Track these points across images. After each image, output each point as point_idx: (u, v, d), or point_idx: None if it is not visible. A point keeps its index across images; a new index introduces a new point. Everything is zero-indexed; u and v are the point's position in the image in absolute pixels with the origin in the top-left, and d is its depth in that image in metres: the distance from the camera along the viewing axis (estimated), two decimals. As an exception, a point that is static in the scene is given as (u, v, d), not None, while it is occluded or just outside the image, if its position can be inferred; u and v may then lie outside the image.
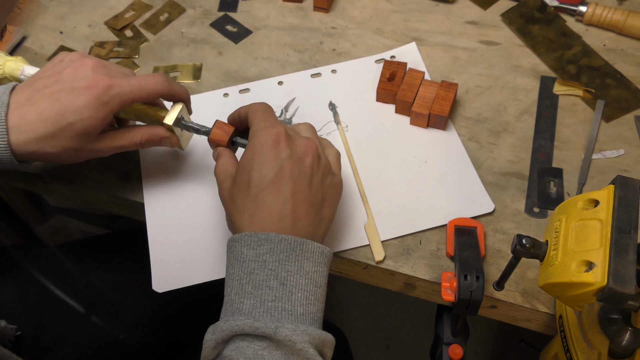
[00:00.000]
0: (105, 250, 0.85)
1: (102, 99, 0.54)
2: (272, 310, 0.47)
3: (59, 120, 0.54)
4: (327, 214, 0.55)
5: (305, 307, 0.48)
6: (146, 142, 0.59)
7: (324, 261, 0.51)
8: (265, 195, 0.51)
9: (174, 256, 0.62)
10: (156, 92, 0.57)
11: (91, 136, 0.56)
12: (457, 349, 0.60)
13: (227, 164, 0.56)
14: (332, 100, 0.73)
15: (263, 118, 0.55)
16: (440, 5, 0.82)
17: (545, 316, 0.58)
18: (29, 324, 0.72)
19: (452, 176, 0.66)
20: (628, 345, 0.49)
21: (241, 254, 0.49)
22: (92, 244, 0.88)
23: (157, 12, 0.83)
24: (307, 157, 0.53)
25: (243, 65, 0.77)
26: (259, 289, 0.48)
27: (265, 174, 0.51)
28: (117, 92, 0.55)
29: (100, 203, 0.70)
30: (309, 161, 0.53)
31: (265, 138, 0.52)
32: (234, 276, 0.49)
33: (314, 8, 0.82)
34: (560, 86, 0.73)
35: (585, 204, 0.48)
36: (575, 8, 0.78)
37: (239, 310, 0.47)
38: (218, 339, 0.46)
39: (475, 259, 0.55)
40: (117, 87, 0.55)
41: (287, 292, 0.48)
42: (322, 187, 0.54)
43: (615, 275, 0.42)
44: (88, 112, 0.54)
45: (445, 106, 0.68)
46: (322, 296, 0.50)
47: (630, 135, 0.69)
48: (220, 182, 0.55)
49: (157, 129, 0.59)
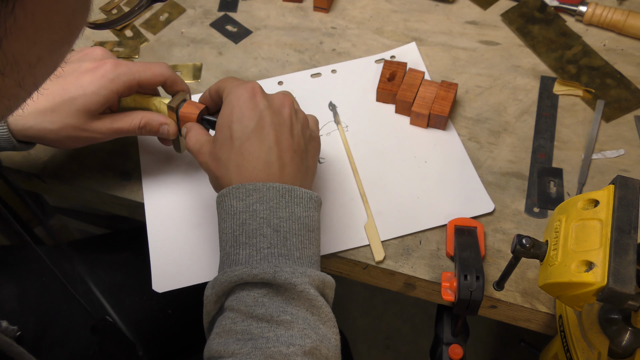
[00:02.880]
0: (105, 250, 0.85)
1: (108, 76, 0.55)
2: (269, 257, 0.47)
3: (60, 94, 0.54)
4: (311, 164, 0.55)
5: (301, 251, 0.48)
6: (145, 126, 0.59)
7: (314, 206, 0.51)
8: (249, 145, 0.51)
9: (174, 256, 0.62)
10: (161, 74, 0.58)
11: (92, 114, 0.56)
12: (457, 349, 0.60)
13: (199, 134, 0.56)
14: (332, 100, 0.73)
15: (235, 82, 0.55)
16: (440, 5, 0.82)
17: (545, 316, 0.58)
18: (28, 324, 0.72)
19: (452, 176, 0.66)
20: (628, 345, 0.49)
21: (231, 207, 0.49)
22: (92, 244, 0.88)
23: (157, 12, 0.83)
24: (285, 107, 0.53)
25: (243, 65, 0.77)
26: (253, 237, 0.48)
27: (246, 124, 0.51)
28: (124, 71, 0.55)
29: (100, 203, 0.70)
30: (287, 111, 0.53)
31: (240, 92, 0.53)
32: (226, 230, 0.49)
33: (314, 8, 0.82)
34: (560, 86, 0.73)
35: (585, 204, 0.48)
36: (575, 8, 0.78)
37: (235, 261, 0.47)
38: (219, 292, 0.46)
39: (475, 259, 0.55)
40: (124, 66, 0.56)
41: (282, 237, 0.48)
42: (304, 137, 0.54)
43: (615, 275, 0.42)
44: (92, 87, 0.54)
45: (445, 106, 0.68)
46: (316, 240, 0.51)
47: (630, 135, 0.69)
48: (197, 150, 0.55)
49: (157, 115, 0.60)
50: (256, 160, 0.50)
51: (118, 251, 0.84)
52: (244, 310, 0.45)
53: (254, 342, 0.44)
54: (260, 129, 0.51)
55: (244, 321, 0.45)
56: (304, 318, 0.45)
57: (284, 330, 0.44)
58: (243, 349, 0.44)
